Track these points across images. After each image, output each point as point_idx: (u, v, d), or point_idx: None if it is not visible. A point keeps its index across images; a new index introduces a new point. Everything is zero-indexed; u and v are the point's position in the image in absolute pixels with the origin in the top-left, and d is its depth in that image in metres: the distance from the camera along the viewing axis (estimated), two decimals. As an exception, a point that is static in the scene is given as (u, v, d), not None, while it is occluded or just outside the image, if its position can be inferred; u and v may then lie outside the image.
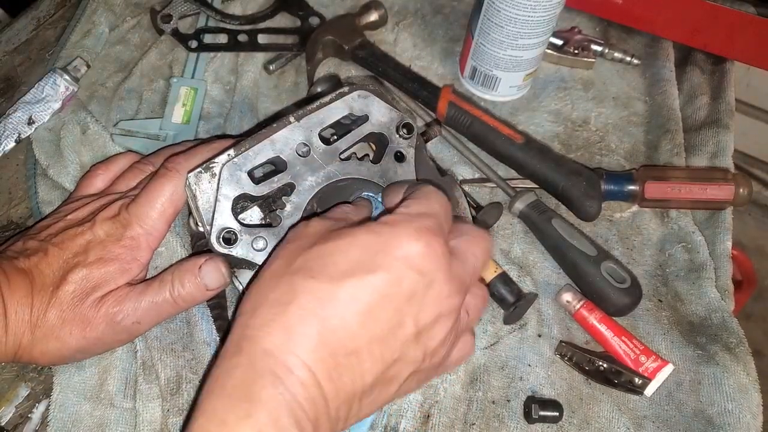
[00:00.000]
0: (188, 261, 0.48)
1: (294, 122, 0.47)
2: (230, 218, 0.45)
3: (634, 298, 0.53)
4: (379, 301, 0.36)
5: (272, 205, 0.48)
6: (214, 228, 0.45)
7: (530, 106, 0.69)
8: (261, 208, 0.49)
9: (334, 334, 0.35)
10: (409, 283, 0.36)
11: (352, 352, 0.35)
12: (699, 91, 0.70)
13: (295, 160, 0.47)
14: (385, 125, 0.50)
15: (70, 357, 0.47)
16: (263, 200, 0.48)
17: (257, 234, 0.46)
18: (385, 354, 0.36)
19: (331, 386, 0.35)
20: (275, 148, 0.46)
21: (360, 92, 0.49)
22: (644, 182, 0.59)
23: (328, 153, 0.48)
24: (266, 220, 0.48)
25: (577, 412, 0.50)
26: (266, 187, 0.46)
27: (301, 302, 0.35)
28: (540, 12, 0.59)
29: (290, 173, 0.47)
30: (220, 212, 0.45)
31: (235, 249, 0.45)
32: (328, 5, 0.76)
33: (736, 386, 0.50)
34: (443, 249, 0.38)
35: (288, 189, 0.47)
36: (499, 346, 0.53)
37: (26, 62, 0.72)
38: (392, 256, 0.36)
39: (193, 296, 0.47)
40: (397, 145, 0.50)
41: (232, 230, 0.45)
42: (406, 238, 0.37)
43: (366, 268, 0.36)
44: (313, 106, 0.48)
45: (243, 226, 0.46)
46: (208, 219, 0.45)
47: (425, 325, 0.37)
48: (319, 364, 0.34)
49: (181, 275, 0.47)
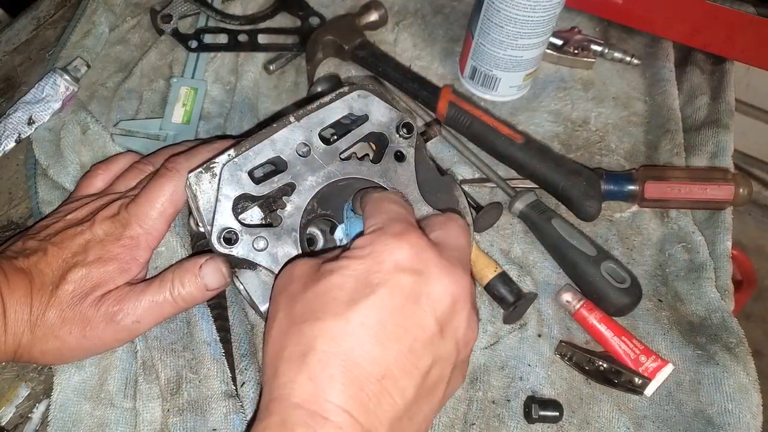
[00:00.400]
0: (189, 261, 0.48)
1: (294, 122, 0.47)
2: (231, 218, 0.45)
3: (634, 298, 0.53)
4: (390, 316, 0.36)
5: (272, 205, 0.48)
6: (214, 228, 0.45)
7: (530, 106, 0.69)
8: (261, 209, 0.49)
9: (359, 366, 0.34)
10: (410, 285, 0.36)
11: (383, 377, 0.35)
12: (699, 91, 0.70)
13: (296, 160, 0.47)
14: (385, 125, 0.50)
15: (70, 356, 0.47)
16: (263, 200, 0.48)
17: (258, 234, 0.46)
18: (418, 363, 0.36)
19: (372, 418, 0.34)
20: (275, 148, 0.46)
21: (360, 92, 0.49)
22: (644, 182, 0.59)
23: (329, 153, 0.48)
24: (266, 220, 0.48)
25: (577, 412, 0.50)
26: (267, 187, 0.46)
27: (317, 347, 0.35)
28: (540, 12, 0.59)
29: (291, 173, 0.47)
30: (221, 212, 0.45)
31: (236, 249, 0.45)
32: (328, 5, 0.76)
33: (736, 386, 0.50)
34: (425, 241, 0.38)
35: (288, 189, 0.47)
36: (499, 346, 0.53)
37: (26, 62, 0.72)
38: (384, 271, 0.37)
39: (193, 296, 0.47)
40: (397, 144, 0.50)
41: (232, 230, 0.45)
42: (388, 249, 0.37)
43: (365, 293, 0.36)
44: (313, 106, 0.48)
45: (244, 226, 0.46)
46: (209, 219, 0.45)
47: (444, 316, 0.37)
48: (352, 401, 0.34)
49: (181, 275, 0.47)
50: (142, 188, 0.49)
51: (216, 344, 0.51)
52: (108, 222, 0.48)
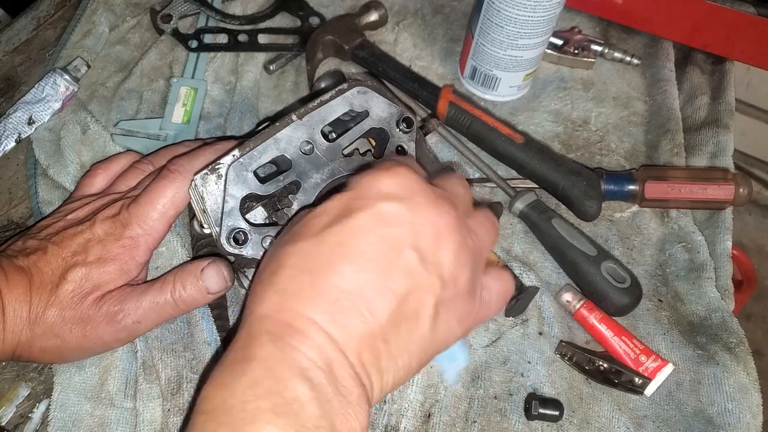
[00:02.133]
0: (191, 264, 0.48)
1: (296, 120, 0.47)
2: (239, 218, 0.46)
3: (634, 298, 0.53)
4: (365, 238, 0.35)
5: (278, 203, 0.48)
6: (223, 229, 0.45)
7: (530, 106, 0.69)
8: (265, 208, 0.49)
9: (328, 281, 0.34)
10: (391, 211, 0.36)
11: (352, 293, 0.34)
12: (699, 91, 0.70)
13: (300, 158, 0.47)
14: (385, 120, 0.50)
15: (70, 355, 0.47)
16: (268, 200, 0.48)
17: (266, 233, 0.46)
18: (393, 286, 0.35)
19: (339, 330, 0.33)
20: (279, 147, 0.47)
21: (359, 88, 0.49)
22: (644, 182, 0.59)
23: (331, 150, 0.48)
24: (271, 219, 0.49)
25: (578, 412, 0.50)
26: (272, 186, 0.47)
27: (288, 264, 0.35)
28: (540, 12, 0.59)
29: (295, 171, 0.47)
30: (229, 213, 0.45)
31: (246, 249, 0.46)
32: (328, 5, 0.76)
33: (737, 386, 0.50)
34: (415, 175, 0.38)
35: (294, 187, 0.48)
36: (501, 342, 0.53)
37: (26, 62, 0.72)
38: (365, 197, 0.36)
39: (195, 299, 0.47)
40: (397, 139, 0.50)
41: (242, 230, 0.45)
42: (375, 179, 0.37)
43: (344, 216, 0.36)
44: (314, 103, 0.48)
45: (252, 225, 0.46)
46: (217, 220, 0.45)
47: (427, 247, 0.36)
48: (319, 312, 0.33)
49: (183, 277, 0.47)
50: (144, 189, 0.49)
51: (217, 344, 0.51)
52: (108, 222, 0.48)
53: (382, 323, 0.34)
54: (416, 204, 0.36)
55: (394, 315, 0.35)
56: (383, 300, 0.34)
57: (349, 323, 0.34)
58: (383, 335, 0.35)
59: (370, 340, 0.34)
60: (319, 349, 0.33)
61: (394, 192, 0.36)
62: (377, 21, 0.72)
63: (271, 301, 0.34)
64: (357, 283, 0.34)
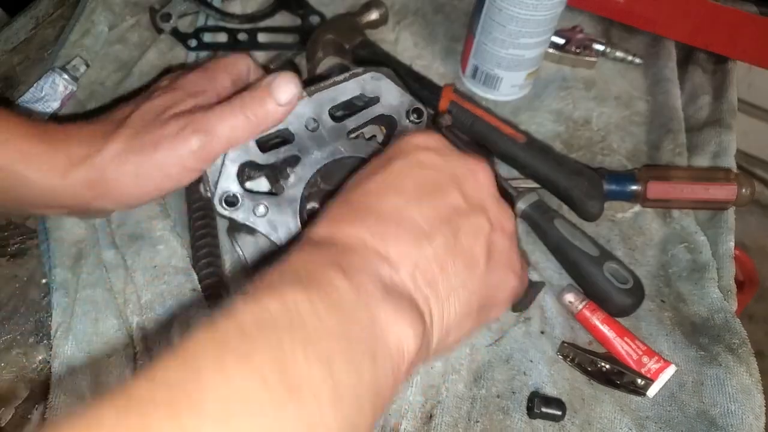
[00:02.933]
0: (258, 82, 0.47)
1: (306, 96, 0.48)
2: (235, 183, 0.47)
3: (637, 298, 0.53)
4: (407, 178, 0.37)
5: (278, 175, 0.49)
6: (218, 190, 0.46)
7: (532, 105, 0.69)
8: (268, 179, 0.50)
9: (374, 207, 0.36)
10: (428, 158, 0.38)
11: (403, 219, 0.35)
12: (701, 90, 0.70)
13: (303, 133, 0.48)
14: (395, 108, 0.50)
15: (140, 186, 0.46)
16: (270, 170, 0.49)
17: (259, 201, 0.47)
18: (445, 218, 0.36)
19: (390, 249, 0.34)
20: (286, 120, 0.47)
21: (373, 74, 0.50)
22: (646, 182, 0.58)
23: (336, 130, 0.49)
24: (271, 190, 0.50)
25: (580, 412, 0.50)
26: (272, 156, 0.48)
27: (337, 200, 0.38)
28: (542, 11, 0.59)
29: (297, 145, 0.48)
30: (226, 176, 0.46)
31: (237, 213, 0.47)
32: (328, 4, 0.76)
33: (739, 387, 0.50)
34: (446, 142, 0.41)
35: (293, 161, 0.48)
36: (504, 340, 0.53)
37: (25, 61, 0.71)
38: (403, 149, 0.39)
39: (267, 113, 0.46)
40: (406, 129, 0.50)
41: (235, 194, 0.46)
42: (412, 136, 0.40)
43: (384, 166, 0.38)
44: (326, 83, 0.49)
45: (246, 191, 0.47)
46: (214, 182, 0.47)
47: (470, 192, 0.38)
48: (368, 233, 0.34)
49: (252, 92, 0.46)
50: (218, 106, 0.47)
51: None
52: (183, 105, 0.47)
53: (438, 251, 0.35)
54: (451, 157, 0.39)
55: (449, 245, 0.35)
56: (438, 230, 0.35)
57: (401, 243, 0.34)
58: (438, 261, 0.35)
59: (423, 262, 0.34)
60: (367, 259, 0.33)
61: (430, 145, 0.39)
62: (378, 20, 0.72)
63: (320, 227, 0.36)
64: (409, 213, 0.35)
